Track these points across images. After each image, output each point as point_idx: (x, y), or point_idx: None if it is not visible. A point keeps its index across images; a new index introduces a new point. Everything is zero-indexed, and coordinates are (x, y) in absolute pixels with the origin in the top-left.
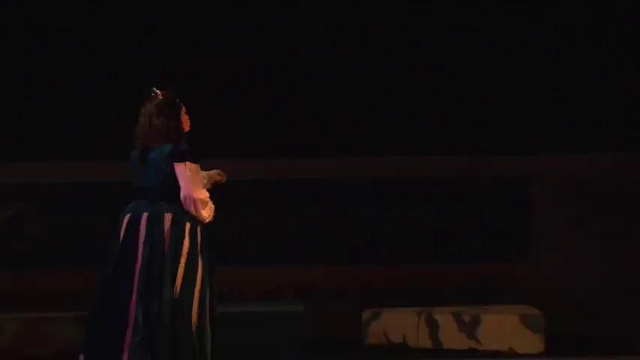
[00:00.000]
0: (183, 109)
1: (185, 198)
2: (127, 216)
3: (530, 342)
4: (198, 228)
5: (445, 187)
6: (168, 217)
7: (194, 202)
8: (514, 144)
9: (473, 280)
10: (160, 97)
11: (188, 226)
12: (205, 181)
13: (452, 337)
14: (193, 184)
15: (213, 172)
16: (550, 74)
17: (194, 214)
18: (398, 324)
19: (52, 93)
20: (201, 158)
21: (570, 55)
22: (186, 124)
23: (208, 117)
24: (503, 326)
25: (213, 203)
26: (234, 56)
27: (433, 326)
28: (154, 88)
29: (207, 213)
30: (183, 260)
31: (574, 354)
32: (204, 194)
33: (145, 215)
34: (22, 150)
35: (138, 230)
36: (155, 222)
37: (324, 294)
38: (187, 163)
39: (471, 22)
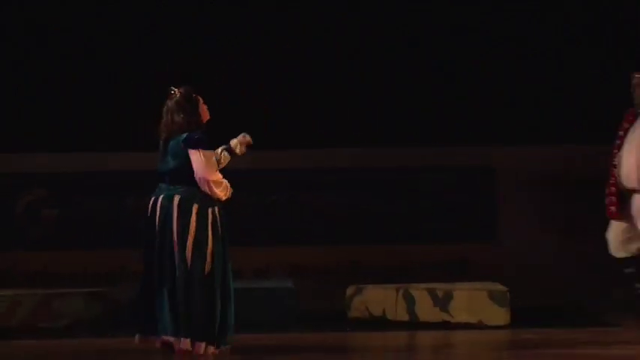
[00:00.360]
0: (201, 102)
1: (200, 180)
2: (152, 199)
3: (498, 315)
4: (210, 209)
5: (422, 176)
6: (177, 199)
7: (208, 183)
8: (483, 136)
9: (446, 260)
10: (178, 94)
11: (196, 207)
12: (238, 148)
13: (427, 311)
14: (206, 167)
15: (240, 137)
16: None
17: (210, 193)
18: (378, 299)
19: (62, 94)
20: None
21: (536, 53)
22: (205, 115)
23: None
24: (473, 301)
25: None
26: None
27: (410, 301)
28: (172, 87)
29: (222, 192)
30: (190, 238)
31: (536, 325)
32: (218, 176)
33: (161, 197)
34: (41, 143)
35: (156, 211)
36: (169, 203)
37: (312, 272)
38: (200, 149)
39: (439, 16)
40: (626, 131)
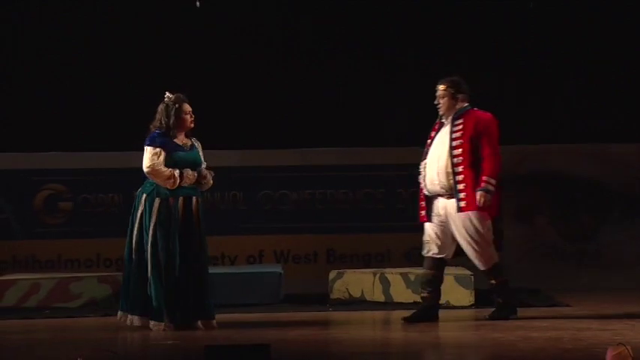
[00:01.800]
0: (185, 111)
1: (145, 172)
2: None
3: (463, 296)
4: (158, 199)
5: (396, 173)
6: (138, 190)
7: (148, 174)
8: None
9: (418, 247)
10: (167, 99)
11: (144, 197)
12: (203, 181)
13: (400, 293)
14: (145, 161)
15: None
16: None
17: (157, 183)
18: (357, 282)
19: (78, 98)
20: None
21: (491, 56)
22: (184, 124)
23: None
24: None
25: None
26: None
27: (385, 284)
28: (167, 92)
29: (165, 182)
30: (137, 225)
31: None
32: (155, 169)
33: None
34: (61, 142)
35: None
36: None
37: (299, 258)
38: (147, 145)
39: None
40: (433, 139)
